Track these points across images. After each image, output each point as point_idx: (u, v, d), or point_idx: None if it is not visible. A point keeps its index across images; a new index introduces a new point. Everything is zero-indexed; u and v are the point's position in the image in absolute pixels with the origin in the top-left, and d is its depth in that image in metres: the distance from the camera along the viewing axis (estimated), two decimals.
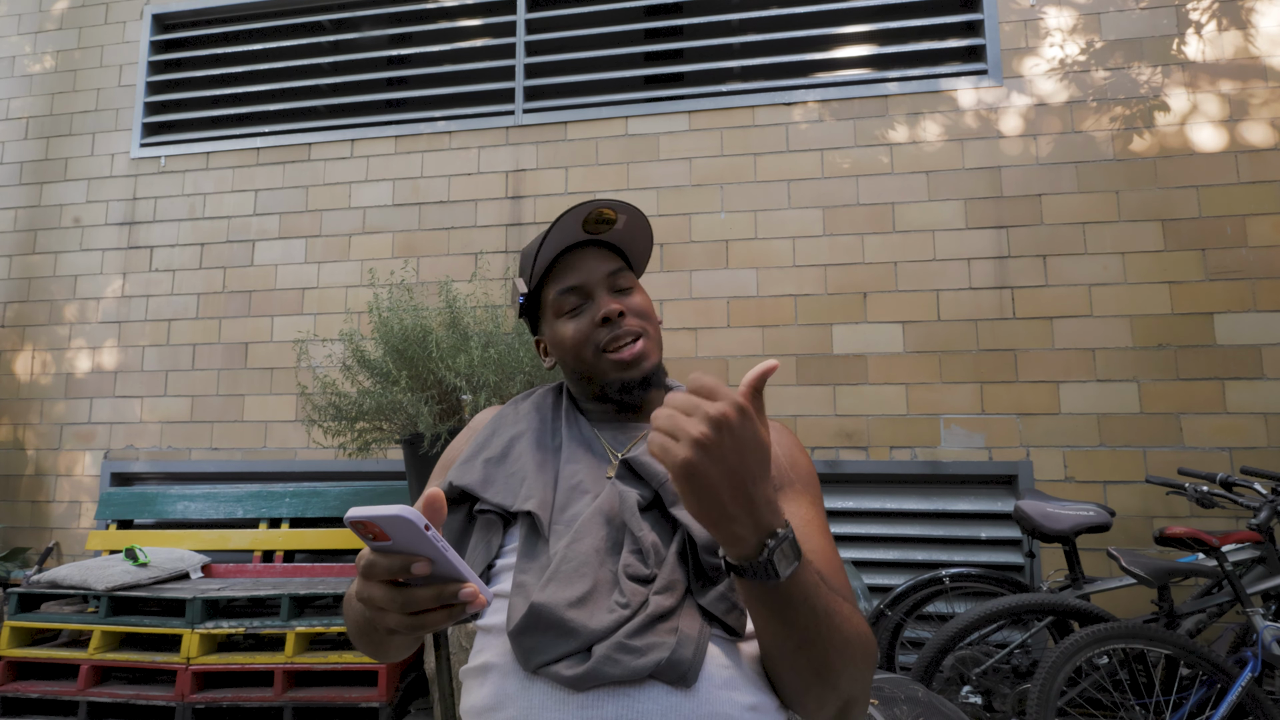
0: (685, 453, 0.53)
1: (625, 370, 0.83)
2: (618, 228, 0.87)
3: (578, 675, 0.62)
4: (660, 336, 0.89)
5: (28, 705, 2.41)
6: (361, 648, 0.77)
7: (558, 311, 0.87)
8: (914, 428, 2.71)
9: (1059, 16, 2.83)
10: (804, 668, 0.62)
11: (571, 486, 0.78)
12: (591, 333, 0.84)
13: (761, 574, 0.56)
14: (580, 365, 0.86)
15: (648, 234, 0.91)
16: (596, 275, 0.86)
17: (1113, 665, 1.93)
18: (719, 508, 0.55)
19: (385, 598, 0.54)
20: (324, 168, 3.29)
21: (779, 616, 0.59)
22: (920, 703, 1.30)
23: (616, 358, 0.83)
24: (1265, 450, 2.49)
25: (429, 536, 0.50)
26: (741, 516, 0.55)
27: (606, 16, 3.20)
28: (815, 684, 0.63)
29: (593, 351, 0.84)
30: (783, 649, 0.62)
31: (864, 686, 0.66)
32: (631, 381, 0.83)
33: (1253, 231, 2.59)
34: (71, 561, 3.02)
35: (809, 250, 2.87)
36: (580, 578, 0.68)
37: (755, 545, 0.56)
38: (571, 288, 0.86)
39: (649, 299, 0.90)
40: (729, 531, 0.56)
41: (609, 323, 0.83)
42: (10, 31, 3.70)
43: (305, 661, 2.27)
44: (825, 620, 0.60)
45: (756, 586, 0.58)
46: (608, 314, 0.82)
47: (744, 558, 0.57)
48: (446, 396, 2.26)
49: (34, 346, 3.40)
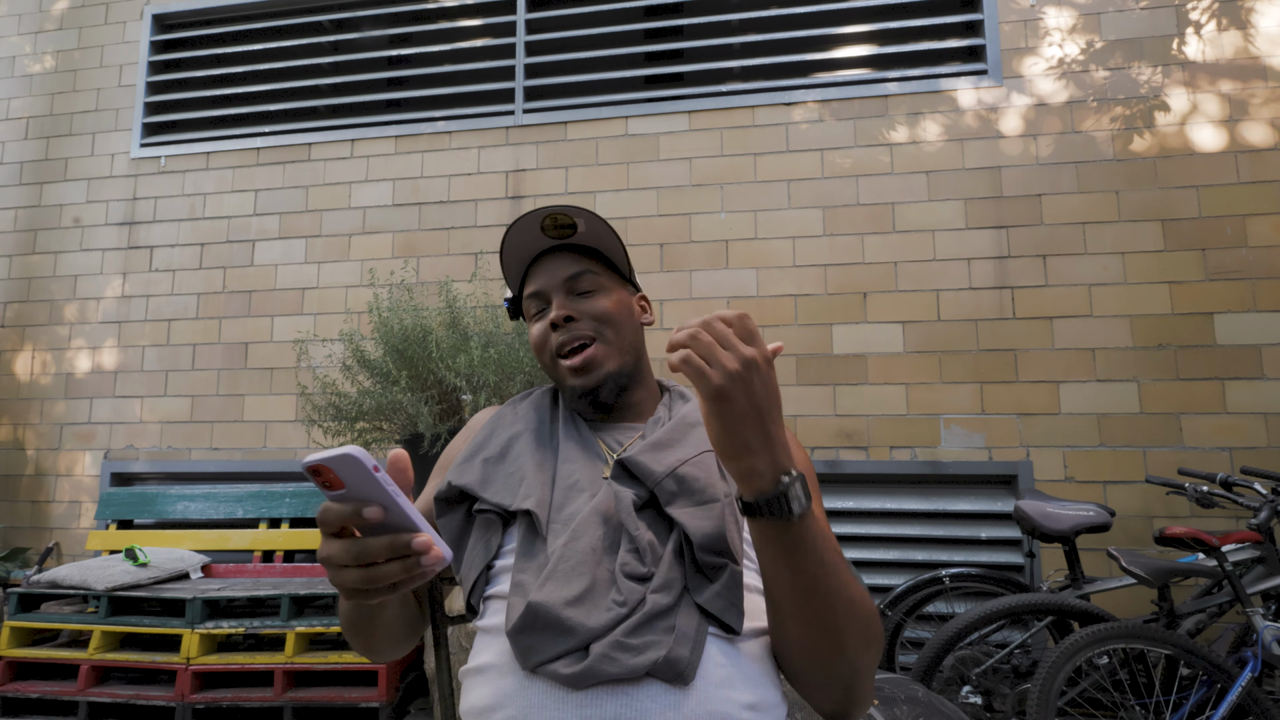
0: (719, 380, 0.56)
1: (576, 376, 0.85)
2: (581, 230, 0.88)
3: (575, 673, 0.62)
4: (633, 340, 0.88)
5: (28, 705, 2.41)
6: (353, 642, 0.77)
7: (528, 315, 0.91)
8: (914, 428, 2.71)
9: (1059, 16, 2.83)
10: (811, 622, 0.63)
11: (569, 485, 0.78)
12: (547, 338, 0.86)
13: (777, 509, 0.58)
14: (549, 369, 0.89)
15: (612, 233, 0.90)
16: (555, 279, 0.87)
17: (1113, 665, 1.94)
18: (741, 438, 0.57)
19: (341, 551, 0.52)
20: (324, 168, 3.29)
21: (789, 560, 0.61)
22: (920, 703, 1.30)
23: (567, 364, 0.85)
24: (1265, 450, 2.49)
25: (378, 479, 0.49)
26: (760, 451, 0.58)
27: (606, 16, 3.21)
28: (823, 643, 0.63)
29: (550, 357, 0.87)
30: (791, 597, 0.63)
31: (870, 663, 0.66)
32: (582, 389, 0.84)
33: (1253, 231, 2.59)
34: (71, 561, 3.02)
35: (809, 250, 2.87)
36: (578, 576, 0.68)
37: (771, 480, 0.58)
38: (534, 293, 0.89)
39: (625, 301, 0.89)
40: (748, 464, 0.58)
41: (558, 328, 0.85)
42: (10, 31, 3.70)
43: (305, 661, 2.27)
44: (833, 574, 0.61)
45: (770, 527, 0.60)
46: (554, 320, 0.84)
47: (760, 493, 0.59)
48: (446, 396, 2.26)
49: (34, 346, 3.40)
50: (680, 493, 0.74)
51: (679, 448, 0.78)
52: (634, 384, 0.89)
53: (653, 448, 0.78)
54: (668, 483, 0.74)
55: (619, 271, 0.92)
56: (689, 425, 0.82)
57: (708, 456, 0.78)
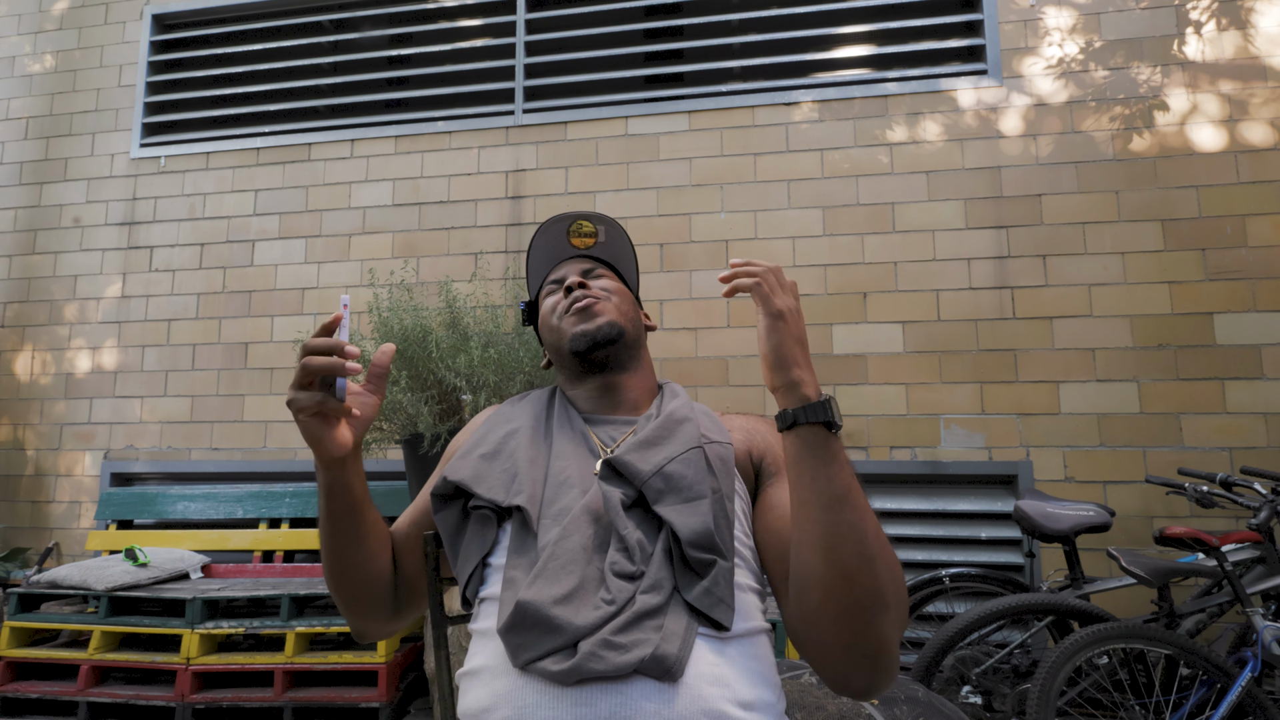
0: (781, 304, 0.71)
1: (580, 321, 0.89)
2: (601, 240, 0.99)
3: (563, 670, 0.62)
4: (634, 317, 0.95)
5: (28, 705, 2.41)
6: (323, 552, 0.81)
7: (544, 298, 0.98)
8: (914, 428, 2.71)
9: (1059, 16, 2.83)
10: (846, 537, 0.64)
11: (560, 481, 0.79)
12: (559, 302, 0.93)
13: (824, 413, 0.67)
14: (553, 336, 0.93)
15: (627, 241, 1.02)
16: (573, 269, 0.97)
17: (1113, 665, 1.93)
18: (793, 352, 0.70)
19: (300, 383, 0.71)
20: (324, 168, 3.29)
21: (826, 468, 0.66)
22: (920, 703, 1.30)
23: (573, 313, 0.90)
24: (1265, 450, 2.49)
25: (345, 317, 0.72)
26: (806, 367, 0.70)
27: (606, 16, 3.21)
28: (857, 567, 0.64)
29: (558, 316, 0.93)
30: (829, 506, 0.65)
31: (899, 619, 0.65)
32: (586, 334, 0.89)
33: (1253, 231, 2.59)
34: (71, 562, 3.02)
35: (809, 250, 2.87)
36: (567, 575, 0.68)
37: (815, 391, 0.69)
38: (553, 280, 0.98)
39: (627, 293, 0.97)
40: (796, 375, 0.69)
41: (569, 292, 0.92)
42: (10, 31, 3.70)
43: (305, 662, 2.27)
44: (862, 495, 0.67)
45: (812, 434, 0.67)
46: (570, 283, 0.92)
47: (805, 399, 0.69)
48: (446, 396, 2.26)
49: (34, 346, 3.40)
50: (668, 490, 0.74)
51: (666, 445, 0.79)
52: (632, 364, 0.92)
53: (640, 446, 0.78)
54: (655, 481, 0.74)
55: (627, 284, 1.02)
56: (676, 422, 0.82)
57: (695, 453, 0.78)
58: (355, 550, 0.80)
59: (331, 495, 0.77)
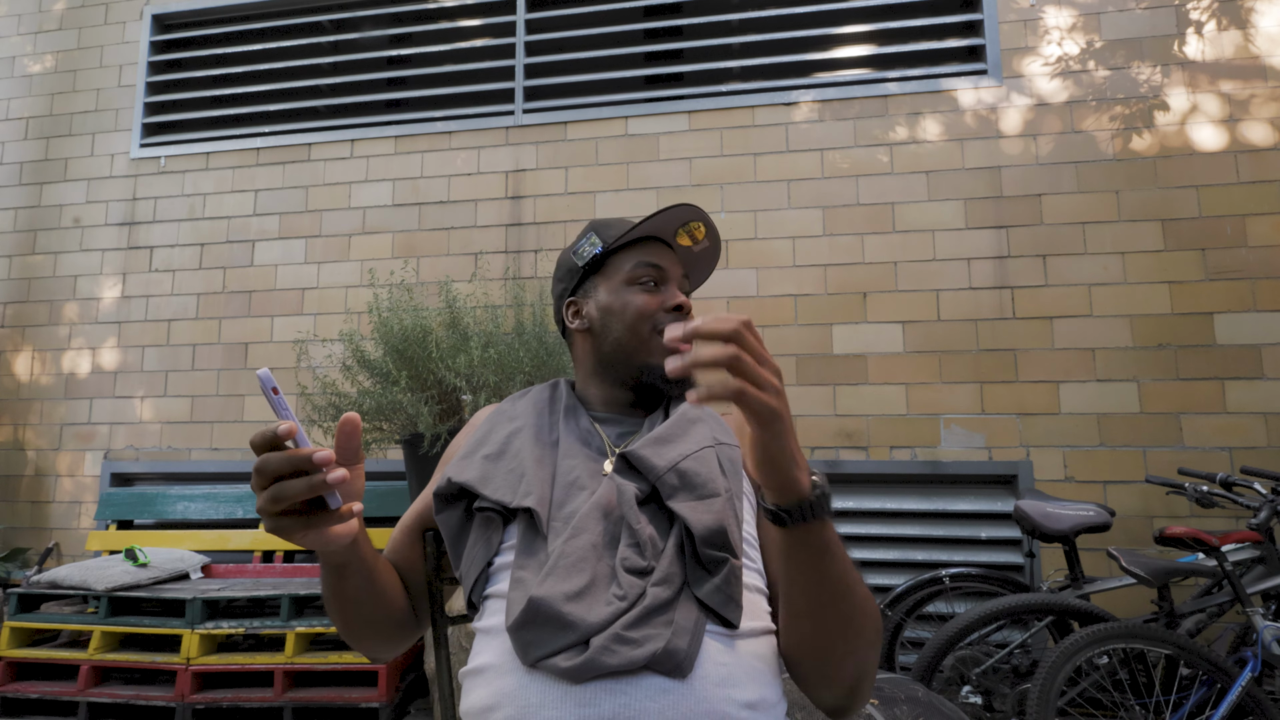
0: (775, 402, 0.55)
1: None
2: (694, 251, 0.95)
3: (575, 666, 0.62)
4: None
5: (28, 706, 2.41)
6: (334, 621, 0.78)
7: (630, 280, 0.89)
8: (914, 428, 2.71)
9: (1059, 16, 2.83)
10: (834, 619, 0.64)
11: (569, 483, 0.78)
12: (657, 313, 0.87)
13: (819, 509, 0.59)
14: (630, 338, 0.87)
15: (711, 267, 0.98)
16: (677, 271, 0.92)
17: (1113, 665, 1.93)
18: (788, 451, 0.58)
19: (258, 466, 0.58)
20: (324, 168, 3.29)
21: (819, 561, 0.62)
22: (920, 703, 1.30)
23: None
24: (1265, 450, 2.49)
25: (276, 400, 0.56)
26: (799, 460, 0.59)
27: (606, 16, 3.21)
28: (840, 639, 0.65)
29: (649, 329, 0.87)
30: (819, 599, 0.64)
31: (875, 660, 0.68)
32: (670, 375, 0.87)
33: (1253, 231, 2.59)
34: (71, 562, 3.02)
35: (809, 250, 2.87)
36: (579, 572, 0.68)
37: (808, 484, 0.60)
38: (654, 264, 0.90)
39: None
40: (791, 475, 0.58)
41: (678, 310, 0.88)
42: (10, 31, 3.70)
43: (305, 662, 2.27)
44: (851, 571, 0.64)
45: (806, 531, 0.60)
46: (680, 304, 0.88)
47: (801, 497, 0.59)
48: (446, 397, 2.26)
49: (34, 346, 3.40)
50: (682, 487, 0.74)
51: (680, 443, 0.79)
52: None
53: (655, 442, 0.78)
54: (670, 477, 0.74)
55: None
56: (689, 421, 0.82)
57: (708, 452, 0.78)
58: (374, 608, 0.78)
59: (344, 575, 0.72)
